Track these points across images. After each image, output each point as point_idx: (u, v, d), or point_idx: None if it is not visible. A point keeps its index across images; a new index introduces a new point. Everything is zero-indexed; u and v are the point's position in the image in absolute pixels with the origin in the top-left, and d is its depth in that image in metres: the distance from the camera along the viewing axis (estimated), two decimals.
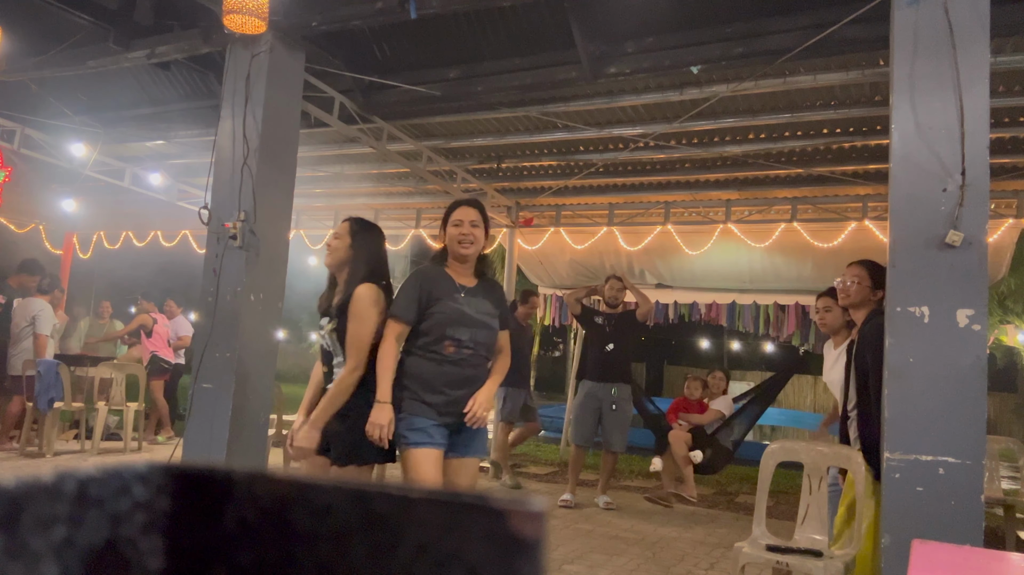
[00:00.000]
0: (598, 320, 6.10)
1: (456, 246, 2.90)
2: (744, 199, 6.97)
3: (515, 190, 7.66)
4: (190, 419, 3.88)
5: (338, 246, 3.04)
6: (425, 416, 2.80)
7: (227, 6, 3.50)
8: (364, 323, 2.87)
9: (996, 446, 5.11)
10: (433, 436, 2.81)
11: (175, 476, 0.38)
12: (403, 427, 2.80)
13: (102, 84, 5.99)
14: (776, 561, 3.07)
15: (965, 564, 1.62)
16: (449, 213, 2.97)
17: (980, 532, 2.56)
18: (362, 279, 2.94)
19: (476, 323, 2.88)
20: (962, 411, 2.63)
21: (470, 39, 4.74)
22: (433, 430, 2.81)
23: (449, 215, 2.96)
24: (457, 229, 2.89)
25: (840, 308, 3.62)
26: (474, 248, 2.90)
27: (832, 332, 3.83)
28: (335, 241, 3.06)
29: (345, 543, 0.35)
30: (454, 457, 2.89)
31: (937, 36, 2.82)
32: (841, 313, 3.66)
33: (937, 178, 2.77)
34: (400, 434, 2.81)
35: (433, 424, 2.81)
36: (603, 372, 5.96)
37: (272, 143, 4.04)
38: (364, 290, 2.91)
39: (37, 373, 6.61)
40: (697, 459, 5.56)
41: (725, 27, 4.12)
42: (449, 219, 2.94)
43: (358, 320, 2.88)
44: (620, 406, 5.91)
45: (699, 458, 5.56)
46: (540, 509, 0.32)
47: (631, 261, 8.00)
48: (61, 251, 9.78)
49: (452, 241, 2.91)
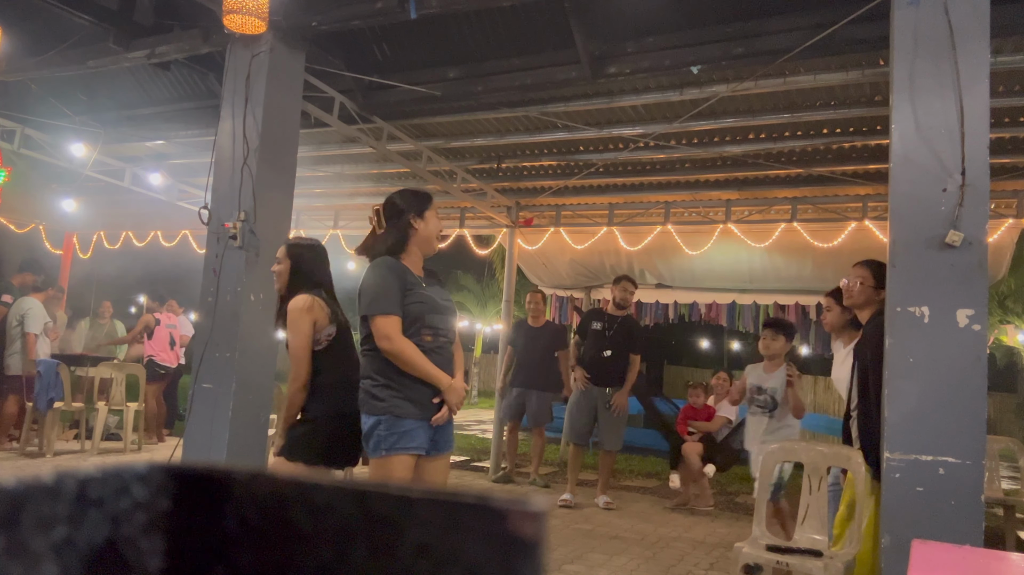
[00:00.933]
0: (596, 326, 6.12)
1: (435, 241, 2.91)
2: (744, 199, 6.97)
3: (515, 190, 7.66)
4: (190, 419, 3.88)
5: (281, 270, 3.18)
6: (411, 417, 2.69)
7: (227, 6, 3.49)
8: (296, 334, 2.96)
9: (996, 446, 5.11)
10: (418, 439, 2.70)
11: (175, 476, 0.38)
12: (385, 428, 2.66)
13: (102, 84, 5.99)
14: (776, 561, 3.07)
15: (965, 564, 1.62)
16: (429, 202, 2.91)
17: (980, 532, 2.56)
18: (296, 293, 3.07)
19: (445, 310, 2.88)
20: (962, 411, 2.63)
21: (470, 39, 4.74)
22: (418, 432, 2.70)
23: (429, 206, 2.89)
24: (439, 223, 2.91)
25: (841, 308, 3.63)
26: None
27: (834, 331, 3.84)
28: (277, 267, 3.20)
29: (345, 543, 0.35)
30: (433, 455, 2.80)
31: (937, 36, 2.82)
32: (841, 312, 3.67)
33: (937, 178, 2.77)
34: (380, 436, 2.67)
35: (418, 425, 2.71)
36: (598, 376, 5.99)
37: (272, 143, 4.03)
38: (295, 301, 3.02)
39: (37, 373, 6.61)
40: (711, 473, 5.63)
41: (725, 27, 4.11)
42: (429, 211, 2.88)
43: (291, 331, 2.98)
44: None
45: (712, 472, 5.62)
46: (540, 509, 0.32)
47: (631, 261, 8.00)
48: (61, 251, 9.79)
49: (432, 234, 2.88)
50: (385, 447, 2.66)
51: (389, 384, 2.71)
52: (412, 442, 2.69)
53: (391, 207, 2.87)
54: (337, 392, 3.04)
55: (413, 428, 2.69)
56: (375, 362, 2.76)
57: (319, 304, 3.04)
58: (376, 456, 2.70)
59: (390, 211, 2.86)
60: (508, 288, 7.93)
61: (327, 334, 3.05)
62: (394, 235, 2.84)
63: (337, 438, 3.01)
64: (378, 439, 2.68)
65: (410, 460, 2.70)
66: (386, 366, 2.73)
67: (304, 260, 3.20)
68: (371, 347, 2.77)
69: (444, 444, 2.86)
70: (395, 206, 2.87)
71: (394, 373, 2.73)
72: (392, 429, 2.67)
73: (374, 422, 2.70)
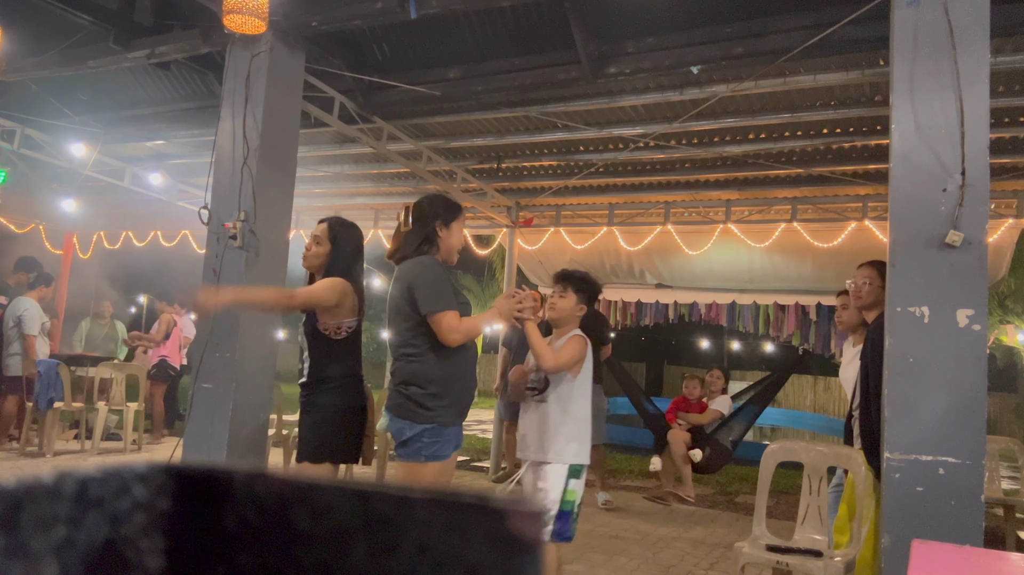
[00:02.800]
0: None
1: (455, 253, 2.90)
2: (744, 199, 6.97)
3: (515, 190, 7.66)
4: (190, 419, 3.88)
5: (319, 252, 3.08)
6: (454, 424, 2.72)
7: (227, 6, 3.49)
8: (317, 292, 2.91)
9: (996, 446, 5.11)
10: (454, 442, 2.73)
11: (175, 476, 0.38)
12: (430, 437, 2.65)
13: (102, 84, 5.99)
14: (776, 561, 3.07)
15: (965, 564, 1.62)
16: (459, 213, 2.89)
17: (980, 532, 2.56)
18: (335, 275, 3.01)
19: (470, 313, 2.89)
20: (962, 411, 2.63)
21: (470, 39, 4.73)
22: (456, 436, 2.73)
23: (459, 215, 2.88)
24: (463, 238, 2.91)
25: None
26: None
27: (849, 330, 3.83)
28: (316, 248, 3.09)
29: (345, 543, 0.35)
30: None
31: (937, 36, 2.82)
32: (858, 312, 3.68)
33: (937, 178, 2.77)
34: (424, 443, 2.65)
35: (457, 430, 2.75)
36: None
37: (272, 143, 4.03)
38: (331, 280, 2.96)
39: (37, 373, 6.61)
40: (696, 458, 5.56)
41: (725, 27, 4.12)
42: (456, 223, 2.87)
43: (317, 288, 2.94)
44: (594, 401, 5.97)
45: (698, 457, 5.55)
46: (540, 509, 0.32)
47: (631, 261, 8.00)
48: (61, 251, 9.79)
49: (454, 246, 2.88)
50: (426, 454, 2.65)
51: (439, 393, 2.68)
52: (450, 448, 2.72)
53: (420, 209, 2.86)
54: (348, 386, 3.03)
55: (454, 435, 2.73)
56: (424, 366, 2.70)
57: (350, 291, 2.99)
58: (412, 461, 2.68)
59: (419, 213, 2.85)
60: (508, 288, 7.93)
61: (347, 325, 3.01)
62: (420, 237, 2.83)
63: (345, 433, 3.00)
64: (420, 447, 2.66)
65: (444, 465, 2.71)
66: (437, 372, 2.69)
67: (347, 244, 3.10)
68: (419, 351, 2.71)
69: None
70: (423, 209, 2.86)
71: (444, 380, 2.70)
72: (436, 438, 2.66)
73: (419, 431, 2.66)
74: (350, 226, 3.18)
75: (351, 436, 3.00)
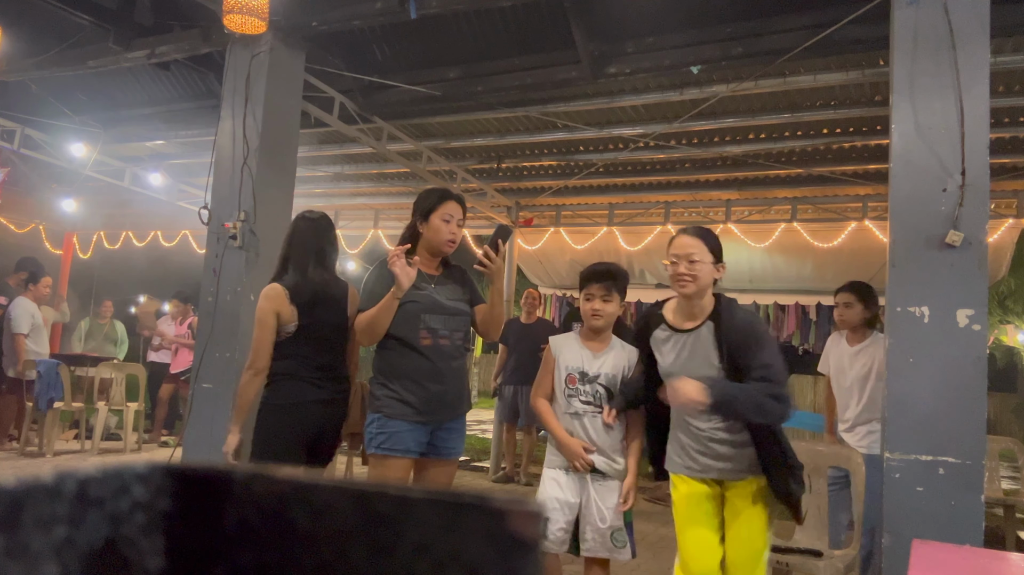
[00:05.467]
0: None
1: (443, 244, 2.78)
2: (744, 199, 6.97)
3: (515, 190, 7.66)
4: (190, 419, 3.88)
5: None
6: (403, 418, 2.65)
7: (227, 6, 3.50)
8: (262, 326, 2.81)
9: (996, 446, 5.11)
10: (406, 442, 2.66)
11: (175, 476, 0.38)
12: (376, 427, 2.66)
13: (102, 84, 5.99)
14: (776, 561, 3.07)
15: (965, 564, 1.62)
16: (438, 204, 2.77)
17: (980, 532, 2.56)
18: (272, 278, 2.91)
19: (449, 311, 2.77)
20: (962, 411, 2.63)
21: (470, 39, 4.73)
22: (407, 435, 2.66)
23: (438, 206, 2.77)
24: (447, 225, 2.76)
25: (863, 305, 3.66)
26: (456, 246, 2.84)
27: (849, 328, 3.81)
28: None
29: (345, 543, 0.35)
30: (434, 458, 2.76)
31: (937, 36, 2.82)
32: (862, 310, 3.68)
33: (937, 178, 2.77)
34: (371, 434, 2.68)
35: (408, 428, 2.66)
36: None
37: (272, 143, 4.03)
38: (264, 291, 2.86)
39: (37, 373, 6.60)
40: None
41: (725, 27, 4.12)
42: (438, 210, 2.76)
43: (256, 324, 2.83)
44: None
45: None
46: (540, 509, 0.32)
47: (631, 261, 8.00)
48: (61, 251, 9.79)
49: (439, 236, 2.76)
50: (375, 445, 2.67)
51: (384, 383, 2.71)
52: (400, 445, 2.65)
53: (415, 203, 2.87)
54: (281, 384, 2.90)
55: (402, 431, 2.65)
56: (377, 361, 2.77)
57: (282, 300, 2.84)
58: (370, 453, 2.72)
59: (413, 207, 2.87)
60: (508, 288, 7.93)
61: (286, 331, 2.88)
62: (406, 233, 2.85)
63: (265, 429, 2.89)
64: (370, 436, 2.70)
65: (402, 462, 2.66)
66: (381, 364, 2.74)
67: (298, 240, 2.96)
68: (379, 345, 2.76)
69: (448, 451, 2.80)
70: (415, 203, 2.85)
71: (388, 372, 2.70)
72: (382, 428, 2.66)
73: (369, 420, 2.72)
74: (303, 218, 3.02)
75: (275, 435, 2.85)
